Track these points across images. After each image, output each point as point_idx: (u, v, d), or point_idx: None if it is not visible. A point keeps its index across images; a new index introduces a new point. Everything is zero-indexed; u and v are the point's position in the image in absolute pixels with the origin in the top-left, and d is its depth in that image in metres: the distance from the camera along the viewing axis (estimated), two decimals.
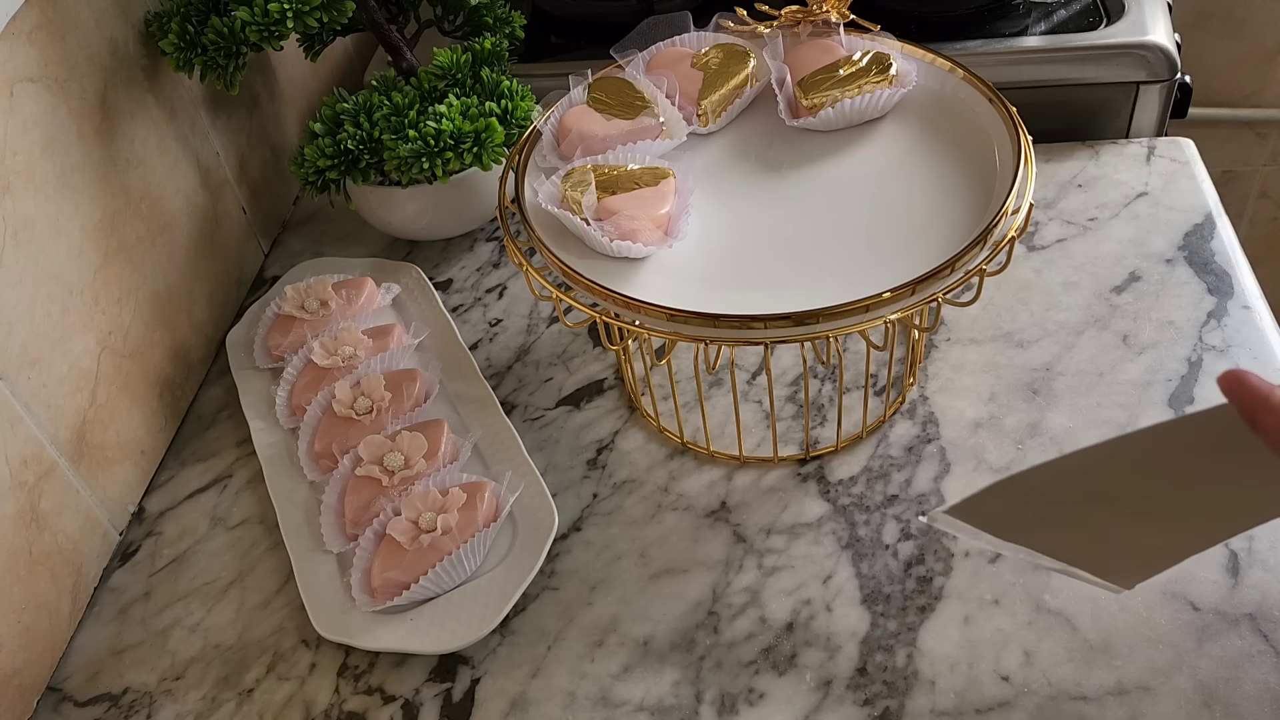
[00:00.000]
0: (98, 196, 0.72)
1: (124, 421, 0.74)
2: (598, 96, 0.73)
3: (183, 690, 0.64)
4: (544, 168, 0.71)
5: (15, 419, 0.64)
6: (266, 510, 0.73)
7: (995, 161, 0.66)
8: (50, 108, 0.68)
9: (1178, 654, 0.59)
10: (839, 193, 0.68)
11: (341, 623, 0.64)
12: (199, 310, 0.84)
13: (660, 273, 0.64)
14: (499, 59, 0.87)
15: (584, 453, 0.74)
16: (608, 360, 0.80)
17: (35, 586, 0.65)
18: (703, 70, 0.74)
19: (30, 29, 0.66)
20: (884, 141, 0.71)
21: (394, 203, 0.87)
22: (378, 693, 0.63)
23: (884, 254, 0.63)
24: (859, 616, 0.62)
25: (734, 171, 0.71)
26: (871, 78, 0.71)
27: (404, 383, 0.74)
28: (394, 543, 0.64)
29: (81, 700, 0.65)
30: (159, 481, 0.77)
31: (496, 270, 0.89)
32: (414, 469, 0.68)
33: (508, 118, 0.82)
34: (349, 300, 0.81)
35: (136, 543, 0.73)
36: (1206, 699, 0.57)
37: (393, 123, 0.81)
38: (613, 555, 0.68)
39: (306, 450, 0.72)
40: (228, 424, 0.80)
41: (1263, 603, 0.60)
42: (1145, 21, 0.93)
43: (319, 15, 0.76)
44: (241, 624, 0.67)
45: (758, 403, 0.76)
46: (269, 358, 0.81)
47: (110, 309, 0.73)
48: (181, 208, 0.82)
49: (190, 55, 0.77)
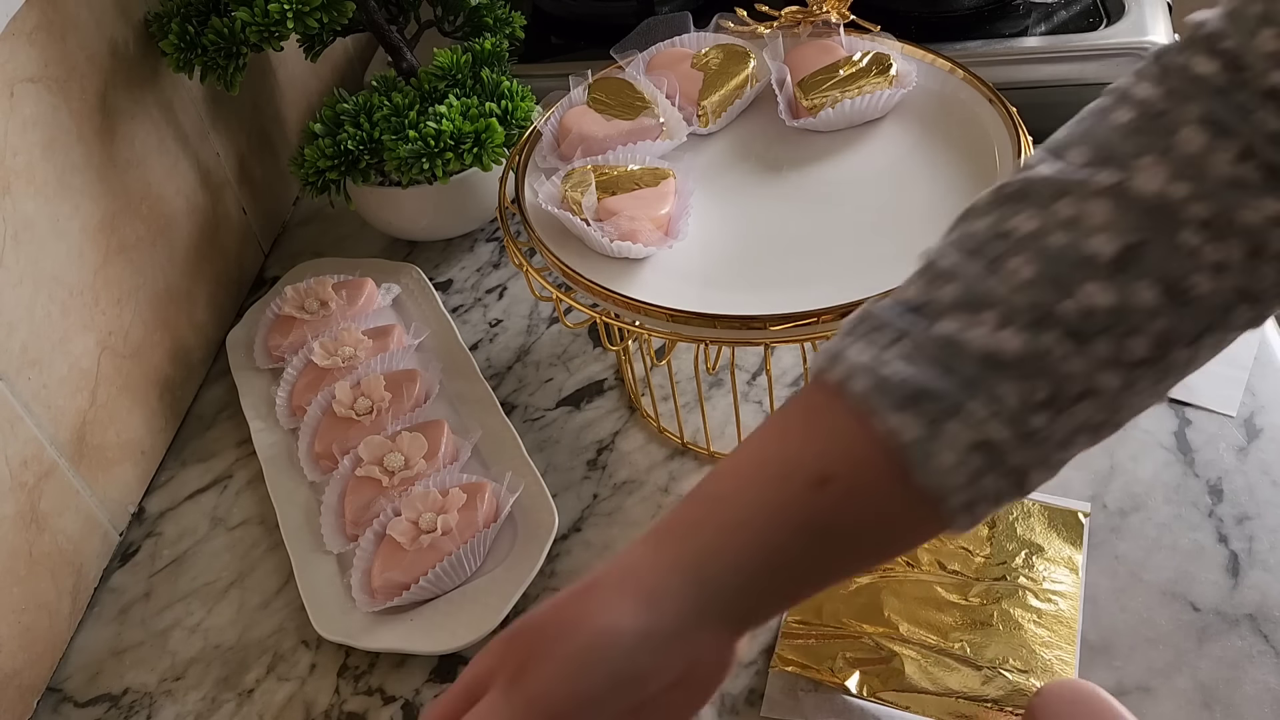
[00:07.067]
0: (98, 197, 0.72)
1: (124, 422, 0.74)
2: (598, 97, 0.73)
3: (183, 691, 0.64)
4: (544, 168, 0.70)
5: (15, 419, 0.64)
6: (267, 511, 0.73)
7: (995, 162, 0.66)
8: (50, 108, 0.68)
9: (1178, 654, 0.59)
10: (839, 193, 0.68)
11: (342, 623, 0.64)
12: (199, 311, 0.84)
13: (660, 273, 0.64)
14: (499, 59, 0.87)
15: (584, 453, 0.74)
16: (608, 361, 0.80)
17: (35, 587, 0.65)
18: (703, 71, 0.74)
19: (30, 29, 0.66)
20: (884, 142, 0.71)
21: (394, 203, 0.87)
22: (378, 693, 0.63)
23: (884, 254, 0.63)
24: None
25: (734, 172, 0.71)
26: (871, 78, 0.71)
27: (404, 383, 0.73)
28: (394, 543, 0.64)
29: (81, 701, 0.65)
30: (159, 482, 0.77)
31: (496, 271, 0.89)
32: (414, 469, 0.68)
33: (508, 118, 0.82)
34: (349, 301, 0.81)
35: (136, 543, 0.73)
36: (1207, 699, 0.57)
37: (393, 123, 0.81)
38: (613, 555, 0.67)
39: (307, 451, 0.72)
40: (228, 424, 0.80)
41: (1263, 603, 0.60)
42: (1145, 22, 0.93)
43: (319, 16, 0.76)
44: (242, 624, 0.67)
45: (758, 403, 0.76)
46: (269, 358, 0.81)
47: (110, 309, 0.73)
48: (182, 208, 0.82)
49: (190, 56, 0.77)
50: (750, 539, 0.41)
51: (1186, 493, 0.66)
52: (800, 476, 0.41)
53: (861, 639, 0.59)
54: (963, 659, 0.58)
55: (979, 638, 0.59)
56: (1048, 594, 0.61)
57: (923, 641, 0.59)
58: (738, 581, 0.41)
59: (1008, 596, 0.61)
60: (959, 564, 0.63)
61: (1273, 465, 0.67)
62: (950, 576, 0.62)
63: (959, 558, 0.63)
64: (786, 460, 0.42)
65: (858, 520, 0.41)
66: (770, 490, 0.41)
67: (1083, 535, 0.64)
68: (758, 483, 0.42)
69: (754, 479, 0.42)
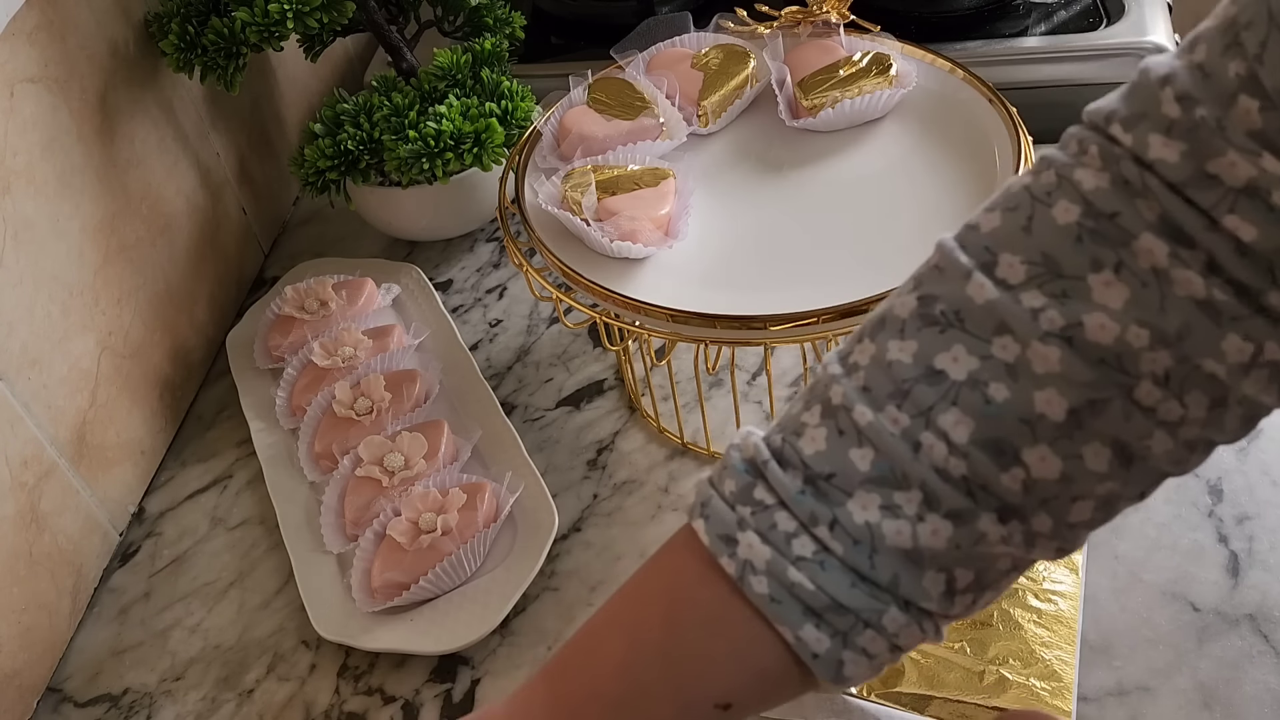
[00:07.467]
0: (98, 197, 0.72)
1: (124, 422, 0.74)
2: (598, 97, 0.73)
3: (183, 691, 0.64)
4: (544, 168, 0.70)
5: (15, 419, 0.64)
6: (267, 511, 0.73)
7: (995, 162, 0.66)
8: (51, 108, 0.68)
9: (1178, 654, 0.59)
10: (839, 193, 0.68)
11: (342, 623, 0.64)
12: (199, 311, 0.84)
13: (660, 273, 0.64)
14: (499, 59, 0.87)
15: (584, 453, 0.74)
16: (608, 361, 0.80)
17: (35, 587, 0.64)
18: (703, 71, 0.74)
19: (31, 29, 0.66)
20: (884, 142, 0.71)
21: (394, 203, 0.87)
22: (378, 693, 0.63)
23: (884, 254, 0.63)
24: None
25: (734, 172, 0.71)
26: (871, 78, 0.71)
27: (404, 383, 0.73)
28: (394, 543, 0.64)
29: (81, 701, 0.65)
30: (159, 482, 0.77)
31: (496, 271, 0.89)
32: (414, 469, 0.68)
33: (508, 118, 0.82)
34: (349, 301, 0.81)
35: (136, 543, 0.73)
36: (1207, 699, 0.57)
37: (393, 123, 0.81)
38: (613, 556, 0.67)
39: (306, 451, 0.72)
40: (228, 424, 0.80)
41: (1263, 603, 0.60)
42: (1145, 22, 0.93)
43: (319, 16, 0.76)
44: (241, 625, 0.67)
45: (758, 403, 0.76)
46: (269, 358, 0.81)
47: (110, 309, 0.73)
48: (182, 208, 0.82)
49: (190, 56, 0.77)
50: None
51: (1186, 492, 0.66)
52: (700, 707, 0.38)
53: None
54: (963, 659, 0.58)
55: (979, 638, 0.59)
56: (1047, 594, 0.61)
57: None
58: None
59: (1007, 596, 0.61)
60: None
61: (1273, 465, 0.67)
62: None
63: None
64: (679, 688, 0.38)
65: (751, 712, 0.40)
66: (669, 712, 0.38)
67: None
68: (657, 699, 0.38)
69: (653, 695, 0.38)
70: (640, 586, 0.40)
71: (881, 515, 0.35)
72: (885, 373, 0.37)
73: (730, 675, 0.38)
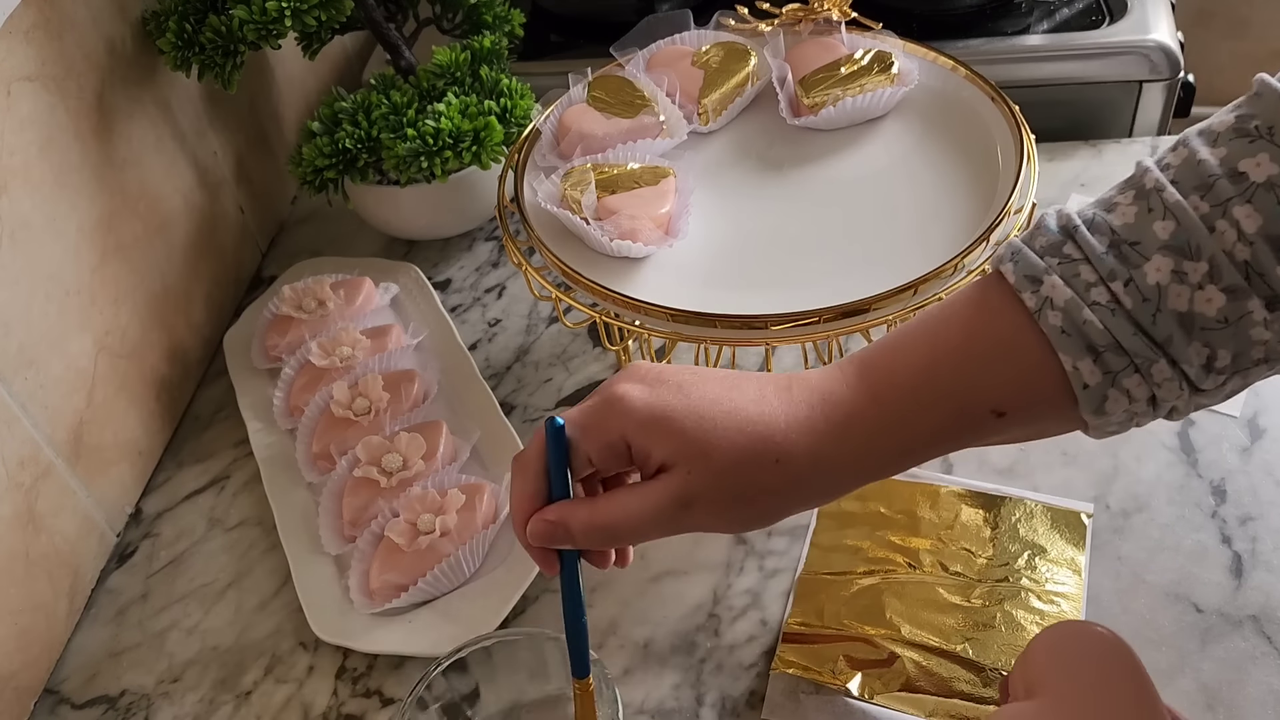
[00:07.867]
0: (95, 196, 0.72)
1: (121, 422, 0.74)
2: (598, 95, 0.72)
3: (180, 692, 0.64)
4: (543, 167, 0.70)
5: (12, 420, 0.63)
6: (264, 512, 0.72)
7: (998, 160, 0.66)
8: (47, 107, 0.67)
9: (1181, 656, 0.58)
10: (840, 192, 0.68)
11: (340, 625, 0.63)
12: (196, 310, 0.84)
13: (660, 272, 0.63)
14: (498, 57, 0.86)
15: None
16: (608, 360, 0.80)
17: (32, 588, 0.64)
18: (703, 68, 0.73)
19: (27, 28, 0.66)
20: (886, 140, 0.71)
21: (392, 202, 0.86)
22: (376, 695, 0.62)
23: (885, 253, 0.62)
24: None
25: (735, 170, 0.71)
26: (873, 76, 0.70)
27: (402, 383, 0.73)
28: (392, 544, 0.63)
29: (78, 703, 0.64)
30: (156, 483, 0.77)
31: (495, 270, 0.89)
32: (412, 470, 0.67)
33: (507, 116, 0.82)
34: (347, 300, 0.81)
35: (134, 544, 0.73)
36: (1210, 701, 0.56)
37: (391, 122, 0.81)
38: None
39: (304, 451, 0.72)
40: (225, 425, 0.80)
41: (1266, 604, 0.60)
42: (1148, 20, 0.92)
43: (317, 14, 0.76)
44: (239, 626, 0.67)
45: None
46: (267, 358, 0.80)
47: (107, 309, 0.73)
48: (179, 207, 0.82)
49: (188, 54, 0.77)
50: (914, 446, 0.46)
51: (1190, 493, 0.66)
52: (978, 410, 0.45)
53: (863, 641, 0.59)
54: (965, 661, 0.58)
55: (981, 639, 0.59)
56: (1050, 595, 0.61)
57: (925, 643, 0.58)
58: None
59: (1010, 598, 0.60)
60: (961, 565, 0.62)
61: (1276, 466, 0.67)
62: (952, 578, 0.62)
63: (961, 559, 0.63)
64: (966, 390, 0.45)
65: (1016, 428, 0.46)
66: (946, 418, 0.45)
67: (1085, 536, 0.64)
68: (933, 408, 0.45)
69: (931, 405, 0.45)
70: (945, 310, 0.47)
71: (1170, 279, 0.41)
72: (1194, 170, 0.42)
73: (1011, 391, 0.44)
